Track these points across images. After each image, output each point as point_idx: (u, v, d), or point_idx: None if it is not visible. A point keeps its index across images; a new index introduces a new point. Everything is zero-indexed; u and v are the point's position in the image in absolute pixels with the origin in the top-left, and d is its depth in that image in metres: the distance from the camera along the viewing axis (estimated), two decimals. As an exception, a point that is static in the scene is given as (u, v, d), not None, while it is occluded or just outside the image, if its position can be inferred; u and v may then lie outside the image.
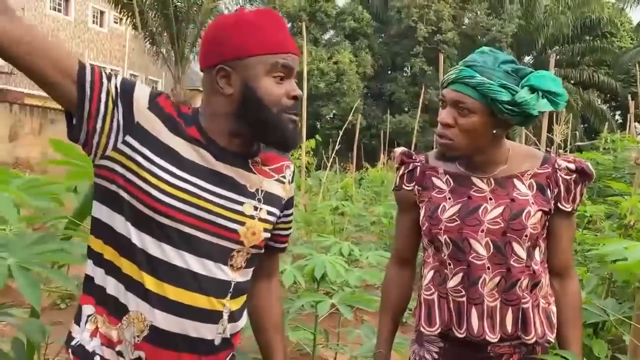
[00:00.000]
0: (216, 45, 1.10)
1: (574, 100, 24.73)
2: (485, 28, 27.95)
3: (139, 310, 1.07)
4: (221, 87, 1.10)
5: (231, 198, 1.13)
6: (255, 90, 1.08)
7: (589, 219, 3.56)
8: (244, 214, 1.14)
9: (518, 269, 1.36)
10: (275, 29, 1.11)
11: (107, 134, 1.06)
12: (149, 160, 1.06)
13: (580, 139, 16.62)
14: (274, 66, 1.09)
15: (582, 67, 27.74)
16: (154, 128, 1.08)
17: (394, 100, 29.85)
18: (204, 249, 1.10)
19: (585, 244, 2.77)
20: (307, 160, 7.04)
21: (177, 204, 1.07)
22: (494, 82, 1.28)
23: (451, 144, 1.35)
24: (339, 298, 2.02)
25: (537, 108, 1.29)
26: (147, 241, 1.07)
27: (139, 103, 1.08)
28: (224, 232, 1.12)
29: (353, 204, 6.85)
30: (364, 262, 3.26)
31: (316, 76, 26.65)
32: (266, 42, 1.09)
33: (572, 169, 1.39)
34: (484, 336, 1.36)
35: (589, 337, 1.97)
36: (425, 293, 1.45)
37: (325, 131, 25.53)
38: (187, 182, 1.08)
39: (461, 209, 1.39)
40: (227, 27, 1.10)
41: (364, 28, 29.77)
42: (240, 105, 1.10)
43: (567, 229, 1.44)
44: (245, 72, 1.08)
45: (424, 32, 27.90)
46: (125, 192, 1.07)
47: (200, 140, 1.12)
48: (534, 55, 28.68)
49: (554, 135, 7.86)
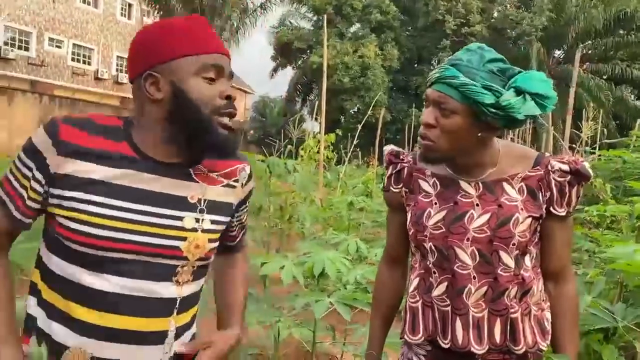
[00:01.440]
0: (141, 52, 1.08)
1: (605, 97, 24.12)
2: (515, 21, 27.43)
3: (78, 345, 1.05)
4: (150, 94, 1.07)
5: (168, 215, 1.09)
6: (184, 91, 1.05)
7: (612, 219, 3.45)
8: (185, 229, 1.11)
9: (506, 278, 1.30)
10: (199, 30, 1.09)
11: (40, 200, 1.09)
12: (78, 200, 1.04)
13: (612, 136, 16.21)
14: (202, 66, 1.06)
15: (615, 62, 26.99)
16: (69, 168, 1.05)
17: (420, 94, 29.55)
18: (144, 271, 1.07)
19: (603, 245, 2.68)
20: (327, 155, 7.01)
21: (110, 234, 1.04)
22: (478, 82, 1.21)
23: (432, 145, 1.28)
24: (337, 297, 1.99)
25: (523, 112, 1.21)
26: (80, 274, 1.05)
27: (49, 154, 1.05)
28: (164, 250, 1.09)
29: (372, 200, 6.80)
30: (374, 259, 3.21)
31: (341, 70, 26.54)
32: (191, 43, 1.06)
33: (566, 170, 1.30)
34: (469, 347, 1.31)
35: (599, 342, 1.90)
36: (411, 300, 1.40)
37: (349, 125, 25.43)
38: (119, 209, 1.05)
39: (447, 215, 1.33)
40: (151, 33, 1.08)
41: (391, 21, 29.50)
42: (171, 109, 1.06)
43: (562, 232, 1.35)
44: (173, 74, 1.06)
45: (452, 25, 27.53)
46: (60, 236, 1.06)
47: (132, 156, 1.08)
48: (564, 49, 28.01)
49: (581, 132, 7.69)
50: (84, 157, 1.05)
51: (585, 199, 4.85)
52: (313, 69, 27.32)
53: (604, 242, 2.58)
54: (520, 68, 1.31)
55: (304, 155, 6.84)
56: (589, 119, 8.37)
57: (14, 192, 1.09)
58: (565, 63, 26.64)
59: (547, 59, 26.90)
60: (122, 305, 1.05)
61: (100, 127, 1.09)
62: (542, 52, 25.92)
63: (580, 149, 7.67)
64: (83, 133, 1.06)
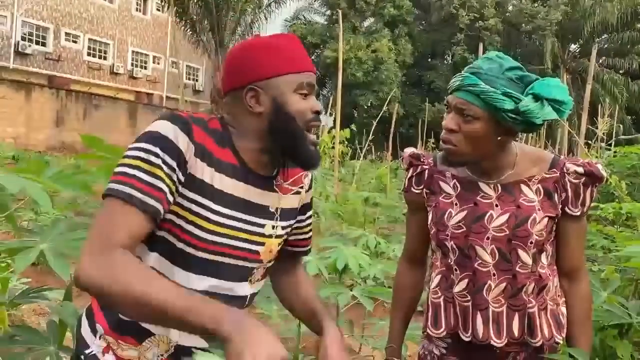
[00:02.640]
0: (244, 67, 1.15)
1: (619, 91, 23.83)
2: (530, 15, 27.18)
3: (165, 334, 1.14)
4: (251, 106, 1.14)
5: (255, 222, 1.19)
6: (284, 106, 1.14)
7: (627, 216, 3.46)
8: (264, 235, 1.21)
9: (524, 275, 1.37)
10: (298, 51, 1.18)
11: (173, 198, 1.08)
12: (196, 203, 1.10)
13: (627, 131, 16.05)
14: (300, 84, 1.15)
15: (632, 56, 26.67)
16: (199, 171, 1.11)
17: (434, 88, 29.44)
18: (229, 272, 1.17)
19: (618, 242, 2.71)
20: (341, 150, 7.04)
21: (214, 237, 1.12)
22: (498, 90, 1.28)
23: (455, 149, 1.35)
24: (360, 290, 2.06)
25: (541, 117, 1.28)
26: (175, 271, 1.13)
27: (188, 154, 1.08)
28: (247, 254, 1.19)
29: (387, 195, 6.85)
30: (391, 255, 3.28)
31: (354, 65, 26.52)
32: (292, 63, 1.15)
33: (581, 173, 1.37)
34: (489, 340, 1.38)
35: (614, 338, 1.95)
36: (433, 296, 1.47)
37: (362, 120, 25.43)
38: (224, 216, 1.13)
39: (467, 215, 1.39)
40: (254, 50, 1.16)
41: (404, 15, 29.39)
42: (271, 121, 1.14)
43: (576, 232, 1.42)
44: (274, 90, 1.14)
45: (466, 19, 27.37)
46: (169, 234, 1.11)
47: (234, 165, 1.15)
48: (580, 43, 27.73)
49: (597, 128, 7.64)
50: (208, 162, 1.11)
51: (600, 195, 4.87)
52: (327, 63, 27.34)
53: (619, 239, 2.61)
54: (535, 63, 1.37)
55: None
56: (605, 114, 8.31)
57: (149, 187, 1.02)
58: (581, 57, 26.37)
59: (563, 53, 26.64)
60: None
61: (211, 130, 1.14)
62: (557, 47, 25.68)
63: (595, 145, 7.64)
64: (205, 135, 1.12)
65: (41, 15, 23.04)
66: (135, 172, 1.02)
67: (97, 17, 25.17)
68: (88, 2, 24.75)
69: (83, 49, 24.75)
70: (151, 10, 27.66)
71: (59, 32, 23.81)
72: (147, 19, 27.67)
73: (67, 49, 24.15)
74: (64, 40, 24.07)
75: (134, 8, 27.03)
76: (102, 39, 25.58)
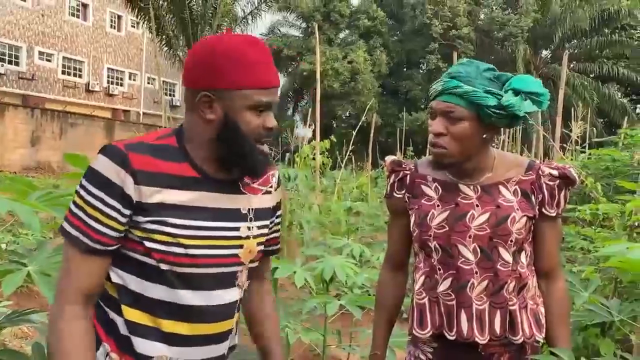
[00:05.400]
0: (205, 70, 1.12)
1: (590, 95, 24.34)
2: (501, 23, 27.69)
3: (164, 354, 1.14)
4: (202, 111, 1.13)
5: (229, 227, 1.19)
6: (235, 121, 1.12)
7: (604, 217, 3.54)
8: (241, 237, 1.21)
9: (505, 273, 1.42)
10: (264, 64, 1.14)
11: (122, 230, 1.11)
12: (160, 224, 1.11)
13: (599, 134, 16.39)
14: (256, 102, 1.12)
15: (601, 61, 27.30)
16: (148, 196, 1.10)
17: (410, 97, 29.74)
18: (214, 281, 1.18)
19: (596, 242, 2.77)
20: (322, 161, 7.07)
21: (189, 251, 1.13)
22: (479, 89, 1.35)
23: (445, 151, 1.40)
24: (347, 299, 2.07)
25: (523, 109, 1.36)
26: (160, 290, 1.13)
27: (128, 186, 1.09)
28: (227, 259, 1.19)
29: (369, 203, 6.88)
30: (376, 263, 3.30)
31: (331, 76, 26.66)
32: (252, 78, 1.11)
33: (555, 175, 1.45)
34: (473, 338, 1.42)
35: (597, 336, 1.99)
36: (417, 297, 1.50)
37: (341, 130, 25.55)
38: (193, 228, 1.13)
39: (449, 215, 1.44)
40: (216, 55, 1.11)
41: (378, 26, 29.71)
42: (220, 132, 1.13)
43: (552, 232, 1.49)
44: (228, 102, 1.11)
45: (439, 29, 27.75)
46: (147, 257, 1.12)
47: (194, 177, 1.15)
48: (551, 49, 28.30)
49: (570, 132, 7.79)
50: (156, 183, 1.11)
51: (577, 197, 4.97)
52: (303, 75, 27.42)
53: (597, 239, 2.67)
54: (508, 69, 1.45)
55: (299, 162, 6.92)
56: (579, 118, 8.48)
57: (91, 230, 1.08)
58: (553, 63, 26.90)
59: (534, 59, 27.16)
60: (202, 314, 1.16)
61: (159, 150, 1.13)
62: (528, 53, 26.18)
63: (570, 148, 7.78)
64: (149, 159, 1.11)
65: (13, 35, 22.76)
66: (79, 212, 1.10)
67: (71, 35, 24.95)
68: (62, 21, 24.54)
69: (57, 68, 24.50)
70: (126, 27, 27.52)
71: (32, 50, 23.54)
72: (122, 35, 27.52)
73: (41, 67, 23.88)
74: (38, 59, 23.80)
75: (109, 25, 26.89)
76: (77, 57, 25.36)
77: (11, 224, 3.22)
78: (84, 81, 25.60)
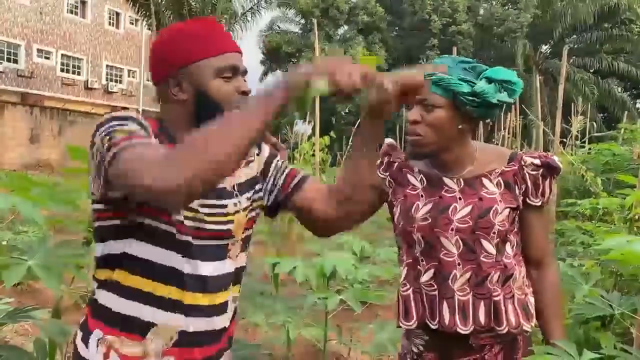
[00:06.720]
0: (163, 57, 1.17)
1: (590, 90, 24.33)
2: (501, 18, 27.66)
3: (167, 322, 1.16)
4: (175, 95, 1.17)
5: (217, 205, 1.21)
6: (205, 92, 1.16)
7: (604, 211, 3.55)
8: (230, 214, 1.23)
9: (488, 264, 1.43)
10: (215, 32, 1.18)
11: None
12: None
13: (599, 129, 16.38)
14: (219, 68, 1.16)
15: (601, 55, 27.27)
16: None
17: (410, 94, 29.66)
18: (206, 254, 1.19)
19: (596, 236, 2.78)
20: (322, 157, 7.07)
21: (190, 223, 1.16)
22: (454, 76, 1.38)
23: (420, 139, 1.42)
24: (348, 294, 2.08)
25: (496, 97, 1.38)
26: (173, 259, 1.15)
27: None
28: (219, 234, 1.21)
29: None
30: (377, 259, 3.31)
31: (330, 72, 26.60)
32: (209, 45, 1.16)
33: (538, 164, 1.46)
34: (455, 328, 1.43)
35: (597, 330, 1.99)
36: (402, 289, 1.51)
37: (340, 127, 25.54)
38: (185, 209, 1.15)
39: (433, 208, 1.46)
40: (170, 38, 1.18)
41: (377, 22, 29.65)
42: (196, 108, 1.17)
43: (539, 221, 1.50)
44: (194, 77, 1.15)
45: (439, 24, 27.72)
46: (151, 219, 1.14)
47: None
48: (551, 44, 28.26)
49: (570, 127, 7.79)
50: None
51: (577, 192, 4.97)
52: (303, 72, 27.34)
53: (597, 233, 2.68)
54: (508, 65, 1.47)
55: (299, 159, 6.92)
56: (578, 113, 8.48)
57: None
58: (552, 58, 26.88)
59: (534, 54, 27.12)
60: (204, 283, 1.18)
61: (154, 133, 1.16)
62: (528, 48, 26.15)
63: (570, 143, 7.79)
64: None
65: (12, 33, 22.72)
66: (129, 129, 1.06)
67: (69, 33, 24.91)
68: (60, 18, 24.50)
69: (56, 65, 24.46)
70: (124, 24, 27.48)
71: (30, 48, 23.50)
72: (120, 32, 27.47)
73: (40, 65, 23.84)
74: (36, 56, 23.76)
75: (107, 22, 26.83)
76: (76, 55, 25.31)
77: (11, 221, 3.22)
78: (82, 79, 25.56)
